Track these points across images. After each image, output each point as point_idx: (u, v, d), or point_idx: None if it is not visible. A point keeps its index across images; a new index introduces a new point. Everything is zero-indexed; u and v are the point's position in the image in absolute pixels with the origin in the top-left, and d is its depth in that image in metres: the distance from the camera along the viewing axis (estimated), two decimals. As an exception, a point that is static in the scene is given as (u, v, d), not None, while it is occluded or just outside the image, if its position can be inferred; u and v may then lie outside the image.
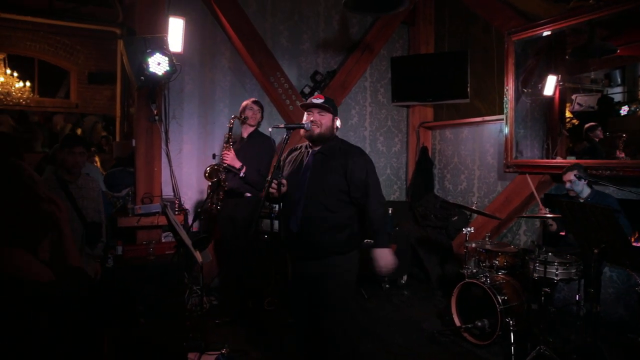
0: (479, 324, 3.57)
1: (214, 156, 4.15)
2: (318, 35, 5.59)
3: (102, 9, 6.04)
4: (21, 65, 8.42)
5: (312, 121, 2.63)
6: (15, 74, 8.05)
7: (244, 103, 4.08)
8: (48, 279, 1.56)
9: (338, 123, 2.73)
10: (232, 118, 3.99)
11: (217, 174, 3.88)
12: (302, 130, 2.66)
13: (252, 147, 3.95)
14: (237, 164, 3.83)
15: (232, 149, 3.88)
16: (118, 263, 3.95)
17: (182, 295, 3.99)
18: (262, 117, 4.11)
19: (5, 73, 7.93)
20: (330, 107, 2.66)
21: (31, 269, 1.58)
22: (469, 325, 3.66)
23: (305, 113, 2.70)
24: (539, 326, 3.33)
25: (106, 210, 3.59)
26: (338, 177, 2.58)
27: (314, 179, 2.60)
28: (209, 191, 4.07)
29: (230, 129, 3.96)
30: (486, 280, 3.63)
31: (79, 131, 8.76)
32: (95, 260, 3.36)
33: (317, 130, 2.63)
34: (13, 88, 7.93)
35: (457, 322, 3.80)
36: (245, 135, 4.07)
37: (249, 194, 3.94)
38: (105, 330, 2.95)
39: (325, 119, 2.64)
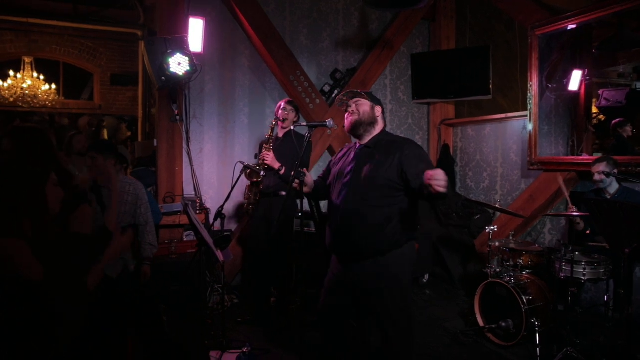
0: (503, 324, 3.50)
1: (256, 156, 4.16)
2: (337, 33, 5.56)
3: (124, 11, 6.13)
4: (47, 69, 8.60)
5: (349, 111, 2.57)
6: (42, 77, 8.23)
7: (278, 104, 4.10)
8: (37, 276, 1.59)
9: (380, 112, 2.59)
10: (274, 120, 4.01)
11: (257, 174, 3.90)
12: (336, 127, 2.63)
13: (287, 147, 3.94)
14: (277, 165, 3.85)
15: (272, 150, 3.90)
16: (140, 262, 4.00)
17: (203, 294, 4.02)
18: (297, 116, 4.09)
19: (32, 76, 8.11)
20: (368, 95, 2.57)
21: (23, 261, 1.61)
22: (493, 326, 3.59)
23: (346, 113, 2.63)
24: (565, 327, 3.24)
25: None
26: (386, 171, 2.43)
27: (357, 174, 2.50)
28: (246, 191, 4.09)
29: (272, 129, 3.97)
30: (510, 280, 3.56)
31: (104, 132, 8.92)
32: (143, 262, 3.39)
33: (355, 117, 2.54)
34: (39, 91, 8.10)
35: (481, 323, 3.74)
36: (280, 135, 4.08)
37: (283, 193, 3.93)
38: (129, 328, 3.01)
39: (362, 106, 2.55)
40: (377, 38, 5.70)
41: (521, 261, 3.76)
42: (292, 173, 2.62)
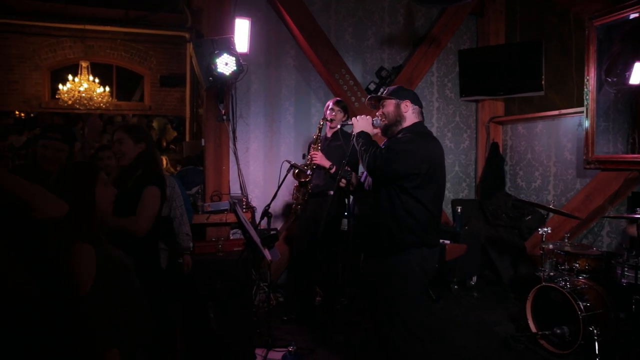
0: (558, 331, 3.34)
1: (303, 156, 4.18)
2: (383, 31, 5.49)
3: (173, 15, 6.30)
4: (101, 72, 9.00)
5: (379, 116, 2.57)
6: (97, 80, 8.62)
7: (327, 104, 4.10)
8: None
9: (409, 106, 2.52)
10: (321, 119, 4.02)
11: (304, 174, 3.92)
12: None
13: (335, 146, 3.93)
14: (327, 163, 3.82)
15: (319, 150, 3.91)
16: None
17: (249, 292, 4.07)
18: (345, 116, 4.05)
19: (88, 80, 8.51)
20: (391, 93, 2.53)
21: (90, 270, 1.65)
22: (547, 332, 3.43)
23: None
24: (628, 337, 3.05)
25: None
26: None
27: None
28: (294, 192, 4.11)
29: (320, 130, 3.98)
30: (566, 285, 3.39)
31: (153, 133, 9.23)
32: (183, 252, 3.45)
33: (383, 122, 2.56)
34: (95, 93, 8.48)
35: (533, 328, 3.58)
36: (329, 135, 4.08)
37: (331, 192, 3.91)
38: (177, 323, 3.07)
39: (387, 107, 2.54)
40: (423, 35, 5.59)
41: (577, 265, 3.58)
42: (340, 172, 2.61)
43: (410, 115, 2.52)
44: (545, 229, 3.87)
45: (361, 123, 2.53)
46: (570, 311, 3.27)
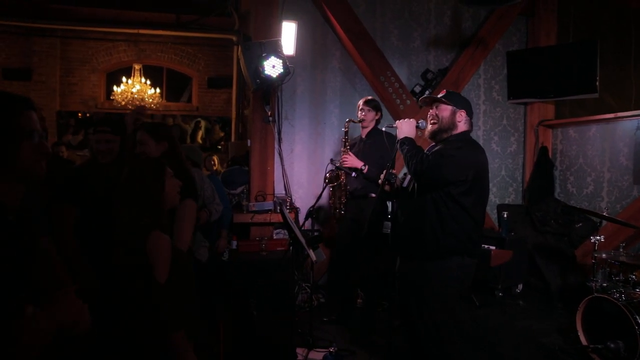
0: (612, 345, 3.19)
1: (331, 161, 4.20)
2: (429, 33, 5.44)
3: (221, 18, 6.48)
4: (152, 74, 9.38)
5: (430, 116, 2.55)
6: (148, 82, 8.99)
7: (357, 104, 4.10)
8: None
9: (463, 116, 2.51)
10: (347, 122, 4.01)
11: (337, 178, 3.95)
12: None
13: (371, 146, 3.93)
14: (359, 164, 3.81)
15: (349, 151, 3.91)
16: (233, 257, 4.20)
17: (291, 291, 4.12)
18: (377, 114, 4.05)
19: (141, 81, 8.89)
20: (450, 99, 2.51)
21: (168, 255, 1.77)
22: (599, 346, 3.29)
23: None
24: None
25: None
26: None
27: None
28: (330, 196, 4.13)
29: (346, 133, 3.98)
30: (621, 297, 3.24)
31: (199, 133, 9.52)
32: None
33: (434, 127, 2.53)
34: (146, 95, 8.86)
35: (584, 341, 3.44)
36: (363, 135, 4.08)
37: (373, 194, 3.90)
38: (220, 317, 3.16)
39: (443, 111, 2.51)
40: (470, 37, 5.49)
41: (634, 277, 3.41)
42: (383, 175, 2.61)
43: (462, 124, 2.53)
44: (598, 237, 3.70)
45: (405, 128, 2.53)
46: (625, 325, 3.12)
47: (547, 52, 5.42)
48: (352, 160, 3.84)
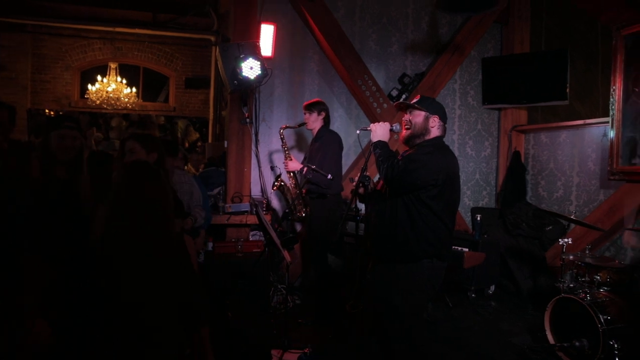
0: (577, 343, 3.29)
1: (272, 168, 4.46)
2: (406, 37, 5.51)
3: (199, 18, 6.45)
4: (128, 73, 9.23)
5: (404, 122, 2.58)
6: (124, 81, 8.85)
7: None
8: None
9: (436, 122, 2.53)
10: (281, 128, 4.21)
11: (284, 187, 4.16)
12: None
13: (318, 148, 4.03)
14: (298, 167, 4.03)
15: (290, 156, 4.13)
16: (208, 258, 4.17)
17: (267, 293, 4.12)
18: (321, 114, 4.09)
19: (116, 81, 8.75)
20: (423, 105, 2.53)
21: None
22: (565, 344, 3.39)
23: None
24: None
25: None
26: None
27: None
28: (281, 199, 4.26)
29: (282, 139, 4.18)
30: (586, 297, 3.34)
31: (177, 133, 9.41)
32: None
33: (407, 133, 2.56)
34: (122, 94, 8.71)
35: (551, 340, 3.54)
36: (313, 137, 4.19)
37: (329, 195, 3.97)
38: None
39: (415, 117, 2.54)
40: (447, 42, 5.59)
41: (598, 277, 3.53)
42: (357, 178, 2.64)
43: (435, 130, 2.55)
44: (566, 240, 3.82)
45: (379, 131, 2.56)
46: (590, 324, 3.22)
47: (520, 59, 5.57)
48: (293, 166, 4.07)
